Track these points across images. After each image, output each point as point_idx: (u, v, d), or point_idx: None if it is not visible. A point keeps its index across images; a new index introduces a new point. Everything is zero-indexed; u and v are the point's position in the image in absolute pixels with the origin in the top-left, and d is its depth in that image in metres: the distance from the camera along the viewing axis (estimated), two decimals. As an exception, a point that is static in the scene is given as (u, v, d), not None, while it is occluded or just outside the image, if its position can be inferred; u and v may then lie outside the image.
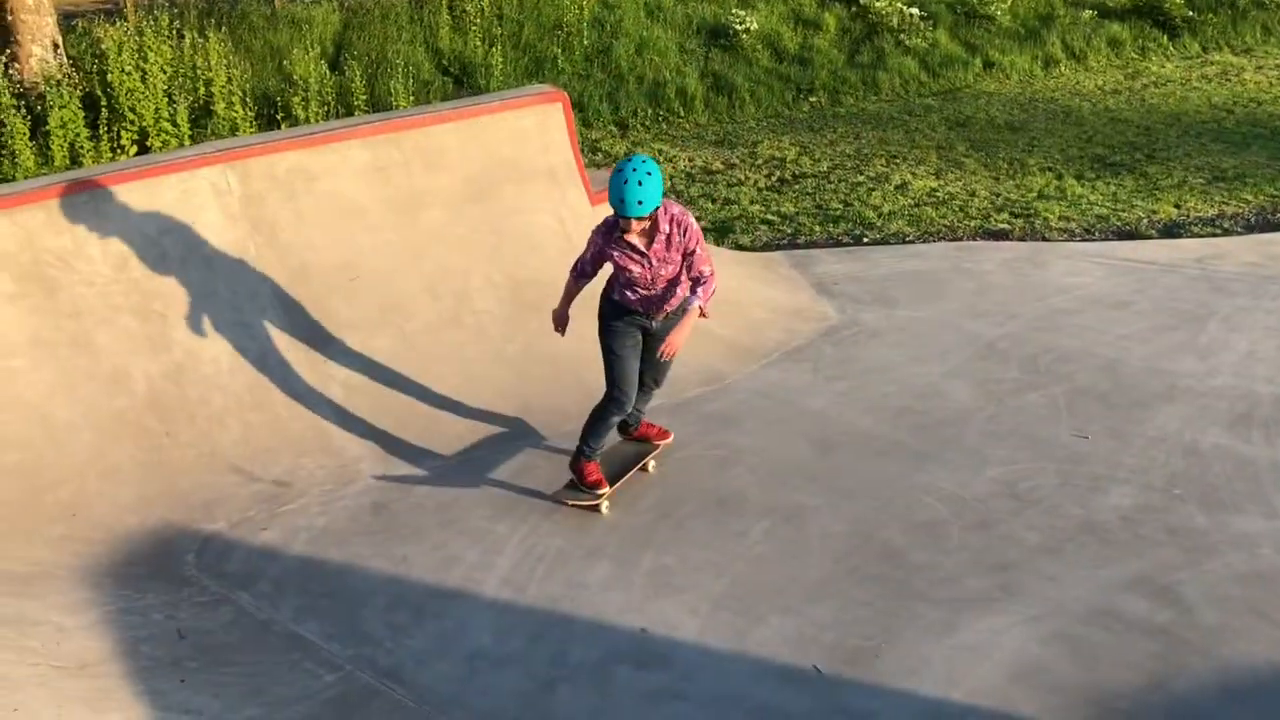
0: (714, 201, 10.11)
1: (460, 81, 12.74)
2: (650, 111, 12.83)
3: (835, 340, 7.20)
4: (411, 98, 11.81)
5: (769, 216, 9.71)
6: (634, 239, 5.00)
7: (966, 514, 5.19)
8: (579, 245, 7.35)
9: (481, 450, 5.76)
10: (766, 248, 9.03)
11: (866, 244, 9.08)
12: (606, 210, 7.56)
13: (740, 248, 9.00)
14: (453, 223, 6.76)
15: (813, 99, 13.67)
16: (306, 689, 4.03)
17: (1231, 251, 8.73)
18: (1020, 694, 4.07)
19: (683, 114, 12.91)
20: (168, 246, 5.87)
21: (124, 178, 5.87)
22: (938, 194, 10.29)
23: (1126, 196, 10.20)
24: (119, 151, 9.95)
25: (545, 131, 7.21)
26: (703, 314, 5.03)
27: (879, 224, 9.50)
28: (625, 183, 4.74)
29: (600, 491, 5.23)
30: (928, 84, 14.33)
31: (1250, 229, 9.43)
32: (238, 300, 5.96)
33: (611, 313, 5.27)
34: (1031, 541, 4.97)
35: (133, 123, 10.11)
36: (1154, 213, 9.78)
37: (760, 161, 11.38)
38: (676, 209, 5.02)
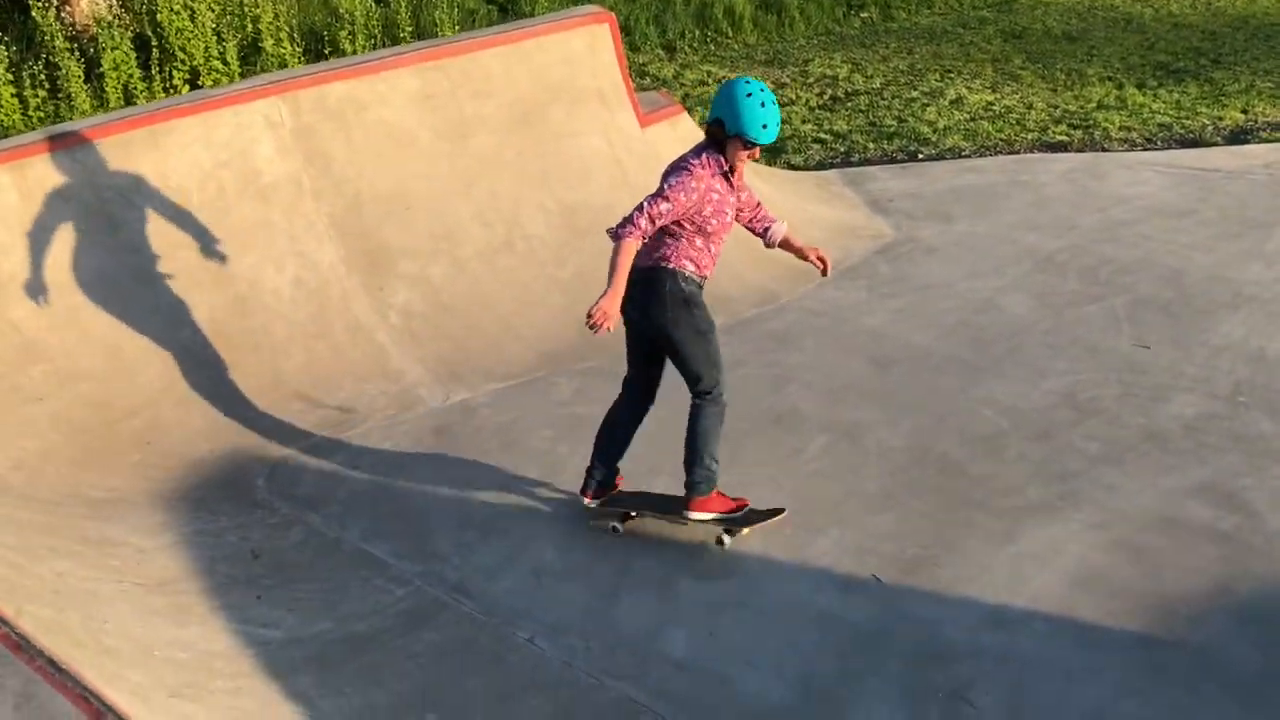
0: (764, 122, 9.98)
1: (505, 10, 12.63)
2: (698, 33, 12.65)
3: (890, 257, 7.13)
4: (457, 27, 11.75)
5: (821, 135, 9.58)
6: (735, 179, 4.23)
7: (1025, 425, 5.16)
8: (631, 169, 7.35)
9: (539, 373, 5.82)
10: (820, 167, 8.92)
11: (921, 160, 8.94)
12: (660, 133, 7.53)
13: (793, 167, 8.90)
14: (502, 148, 6.75)
15: (864, 14, 13.38)
16: (377, 604, 4.15)
17: (1301, 156, 8.46)
18: (1082, 599, 4.08)
19: (731, 34, 12.71)
20: (224, 180, 5.94)
21: (178, 113, 5.93)
22: (994, 107, 10.07)
23: (1190, 104, 9.90)
24: (171, 91, 10.04)
25: (593, 53, 7.15)
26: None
27: (934, 139, 9.33)
28: (763, 104, 4.01)
29: (744, 509, 4.46)
30: (982, -6, 13.95)
31: (1321, 132, 9.12)
32: (294, 231, 6.03)
33: (698, 291, 4.28)
34: (1092, 451, 4.94)
35: (183, 62, 10.17)
36: (1220, 119, 9.49)
37: (811, 80, 11.20)
38: None
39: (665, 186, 4.09)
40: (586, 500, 4.62)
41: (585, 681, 3.78)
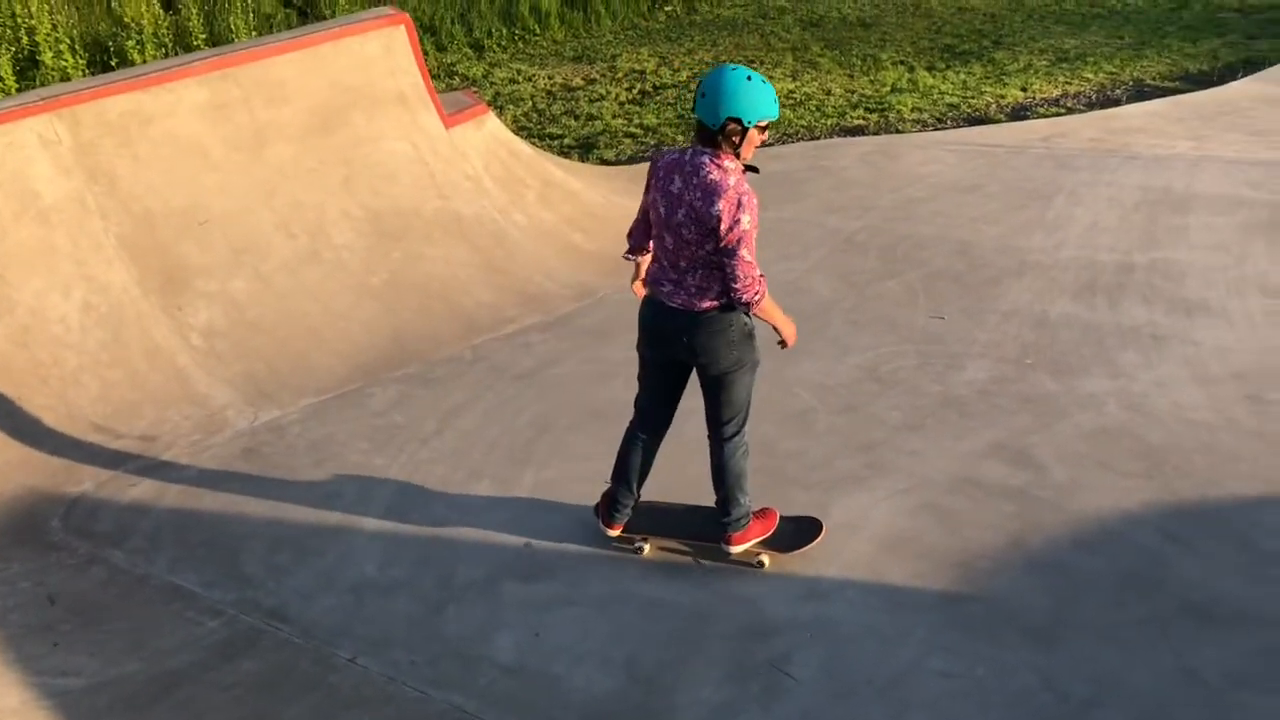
0: (576, 118, 10.02)
1: (305, 13, 12.29)
2: (505, 31, 12.60)
3: (702, 246, 7.26)
4: (254, 33, 11.36)
5: (632, 130, 9.68)
6: None
7: (832, 400, 5.35)
8: (437, 171, 7.26)
9: (353, 385, 5.69)
10: (631, 161, 9.01)
11: (728, 149, 9.13)
12: (465, 133, 7.45)
13: (605, 162, 8.97)
14: (302, 156, 6.57)
15: (668, 8, 13.58)
16: (189, 637, 3.98)
17: (1075, 129, 9.05)
18: (890, 563, 4.27)
19: (538, 31, 12.71)
20: (-3, 204, 5.58)
21: (-61, 135, 5.54)
22: (795, 95, 10.38)
23: (975, 84, 10.44)
24: (-61, 111, 9.35)
25: (390, 55, 7.03)
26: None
27: (739, 128, 9.55)
28: (754, 80, 3.66)
29: (778, 526, 4.38)
30: (780, -15, 14.35)
31: (1091, 106, 9.77)
32: (81, 254, 5.72)
33: (752, 323, 4.02)
34: (895, 420, 5.17)
35: (-50, 79, 9.52)
36: (1002, 97, 10.05)
37: (620, 75, 11.30)
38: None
39: (743, 223, 3.67)
40: (611, 531, 4.43)
41: (411, 695, 3.73)
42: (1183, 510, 4.54)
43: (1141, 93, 10.11)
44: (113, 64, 10.56)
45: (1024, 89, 10.26)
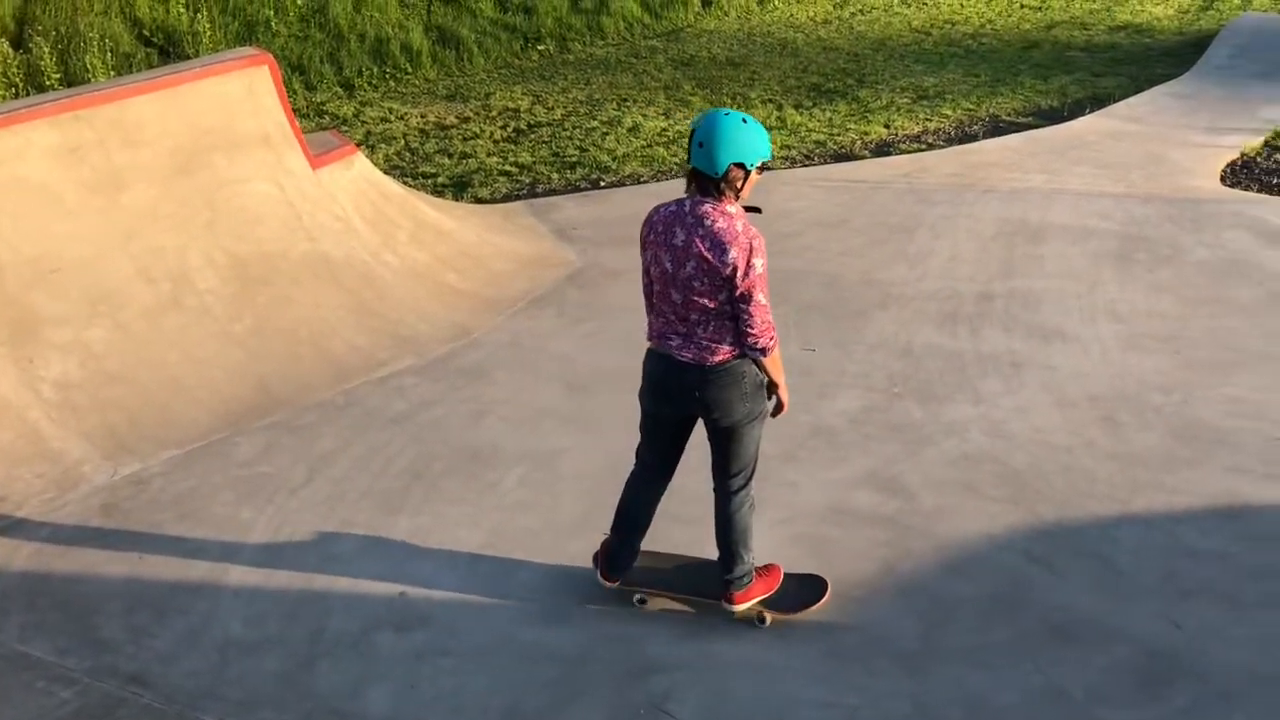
0: (450, 156, 9.96)
1: (166, 52, 11.95)
2: (376, 70, 12.47)
3: (579, 284, 7.28)
4: (112, 72, 11.00)
5: (507, 168, 9.66)
6: None
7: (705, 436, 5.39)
8: (305, 213, 7.11)
9: (219, 435, 5.51)
10: (506, 199, 8.99)
11: (604, 187, 9.20)
12: (334, 174, 7.33)
13: (480, 201, 8.92)
14: (162, 200, 6.36)
15: (540, 47, 13.65)
16: (40, 709, 3.77)
17: (935, 165, 9.39)
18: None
19: (410, 70, 12.62)
20: None
21: None
22: (668, 133, 10.53)
23: (841, 121, 10.75)
24: None
25: (253, 96, 6.88)
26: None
27: (614, 167, 9.63)
28: (749, 123, 3.65)
29: (781, 585, 4.28)
30: (651, 25, 14.59)
31: (950, 142, 10.16)
32: (-81, 306, 5.42)
33: (764, 374, 3.94)
34: (769, 451, 5.19)
35: None
36: (866, 134, 10.37)
37: (494, 113, 11.29)
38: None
39: (757, 268, 3.64)
40: (609, 584, 4.31)
41: (280, 757, 3.60)
42: (1044, 531, 4.71)
43: (997, 128, 10.55)
44: (-42, 104, 10.09)
45: (887, 126, 10.61)
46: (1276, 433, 5.40)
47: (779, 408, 4.02)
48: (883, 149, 10.00)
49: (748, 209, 3.78)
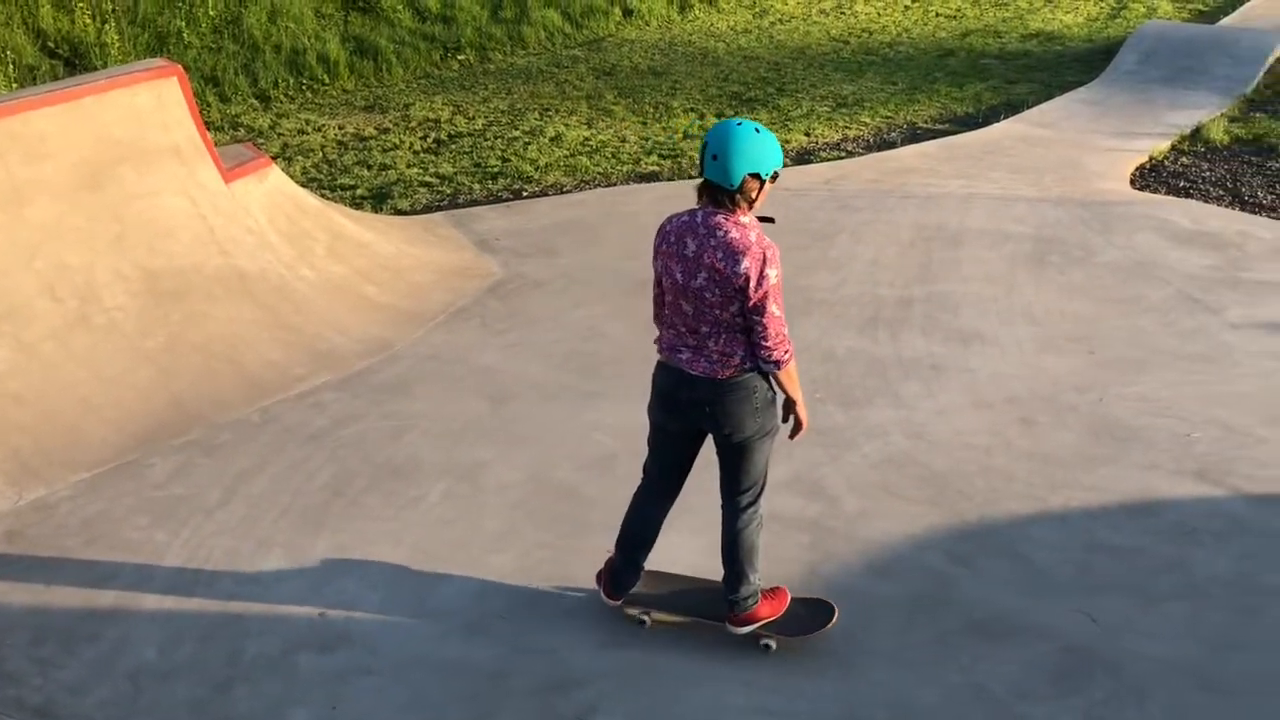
0: (369, 168, 9.84)
1: (72, 64, 11.63)
2: (292, 81, 12.28)
3: (501, 295, 7.23)
4: (15, 84, 10.68)
5: (427, 179, 9.57)
6: None
7: (632, 444, 5.36)
8: (218, 226, 6.95)
9: (130, 456, 5.35)
10: (427, 210, 8.90)
11: (525, 198, 9.15)
12: (247, 187, 7.17)
13: (400, 212, 8.82)
14: (67, 215, 6.17)
15: (460, 57, 13.56)
16: (-61, 747, 3.62)
17: (854, 172, 9.51)
18: (692, 604, 4.30)
19: (327, 81, 12.45)
20: None
21: None
22: (590, 142, 10.52)
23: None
24: None
25: (163, 108, 6.71)
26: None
27: (537, 177, 9.59)
28: (762, 131, 3.58)
29: (788, 608, 4.15)
30: (572, 35, 14.58)
31: (869, 149, 10.30)
32: None
33: (775, 389, 3.89)
34: (694, 461, 5.23)
35: None
36: (787, 142, 10.47)
37: (414, 124, 11.18)
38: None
39: (770, 278, 3.58)
40: (612, 602, 4.22)
41: (194, 786, 3.50)
42: (965, 531, 4.78)
43: (915, 135, 10.73)
44: None
45: (807, 134, 10.73)
46: (1186, 429, 5.55)
47: (798, 427, 3.92)
48: (803, 157, 10.10)
49: (761, 219, 3.74)
